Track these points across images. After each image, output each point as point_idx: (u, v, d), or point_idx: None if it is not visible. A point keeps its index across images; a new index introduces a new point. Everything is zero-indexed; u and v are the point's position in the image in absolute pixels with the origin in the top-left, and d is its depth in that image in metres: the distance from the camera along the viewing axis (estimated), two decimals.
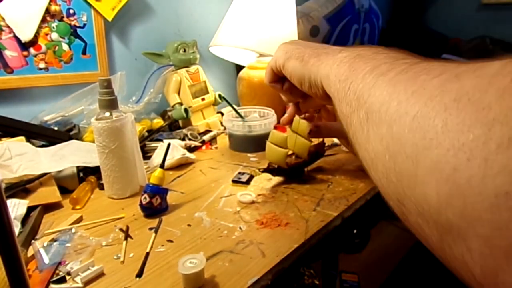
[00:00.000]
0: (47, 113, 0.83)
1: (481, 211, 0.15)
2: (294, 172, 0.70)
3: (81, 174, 0.70)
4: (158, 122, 0.96)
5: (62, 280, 0.44)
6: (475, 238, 0.16)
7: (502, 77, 0.16)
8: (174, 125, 0.99)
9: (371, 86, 0.25)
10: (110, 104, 0.63)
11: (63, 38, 0.86)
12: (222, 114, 1.06)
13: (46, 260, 0.46)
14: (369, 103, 0.24)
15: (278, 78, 0.50)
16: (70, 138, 0.78)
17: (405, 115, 0.20)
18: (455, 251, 0.17)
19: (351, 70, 0.29)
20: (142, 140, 0.84)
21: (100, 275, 0.45)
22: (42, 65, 0.84)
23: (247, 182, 0.70)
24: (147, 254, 0.49)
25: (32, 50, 0.82)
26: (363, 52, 0.30)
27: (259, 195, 0.65)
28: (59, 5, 0.84)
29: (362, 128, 0.25)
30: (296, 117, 0.63)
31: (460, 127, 0.17)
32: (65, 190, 0.66)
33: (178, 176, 0.75)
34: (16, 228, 0.52)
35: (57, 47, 0.86)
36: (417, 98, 0.20)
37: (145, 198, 0.58)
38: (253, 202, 0.62)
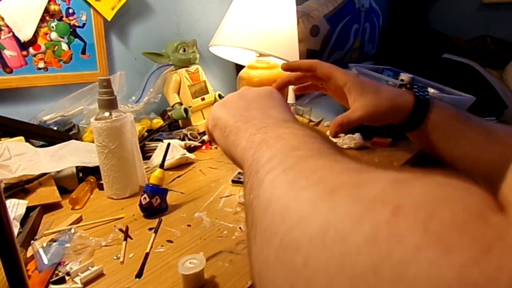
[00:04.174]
0: (47, 113, 0.83)
1: None
2: None
3: (81, 174, 0.69)
4: (158, 122, 0.96)
5: (61, 280, 0.44)
6: None
7: (381, 205, 0.13)
8: (174, 125, 0.99)
9: (258, 185, 0.22)
10: (110, 104, 0.63)
11: (63, 37, 0.86)
12: None
13: (46, 260, 0.46)
14: (255, 203, 0.22)
15: None
16: (69, 138, 0.78)
17: (274, 236, 0.17)
18: None
19: (253, 159, 0.27)
20: (142, 140, 0.84)
21: (99, 275, 0.45)
22: (41, 64, 0.84)
23: None
24: (147, 254, 0.48)
25: (31, 50, 0.82)
26: (268, 136, 0.28)
27: None
28: (59, 5, 0.84)
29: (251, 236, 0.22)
30: None
31: (320, 284, 0.13)
32: (64, 190, 0.65)
33: (178, 176, 0.75)
34: (15, 228, 0.52)
35: (56, 47, 0.85)
36: (287, 216, 0.17)
37: (144, 198, 0.58)
38: None
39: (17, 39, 0.79)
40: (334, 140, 0.89)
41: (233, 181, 0.70)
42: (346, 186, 0.16)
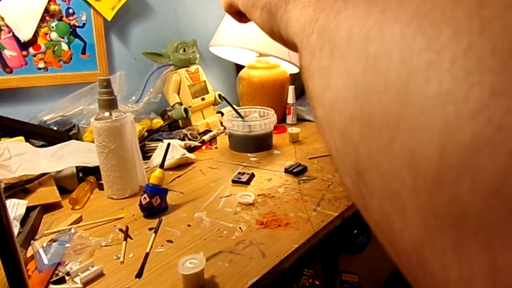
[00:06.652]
0: (47, 113, 0.83)
1: None
2: None
3: (81, 174, 0.69)
4: (158, 122, 0.96)
5: (61, 280, 0.44)
6: None
7: None
8: (174, 125, 0.99)
9: (338, 13, 0.18)
10: (110, 104, 0.63)
11: (63, 37, 0.86)
12: (222, 114, 1.06)
13: (46, 260, 0.46)
14: (335, 32, 0.17)
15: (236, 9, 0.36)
16: (69, 138, 0.78)
17: (389, 31, 0.13)
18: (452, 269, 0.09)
19: (317, 9, 0.21)
20: (142, 140, 0.84)
21: (99, 275, 0.45)
22: (41, 64, 0.84)
23: (247, 182, 0.70)
24: (147, 254, 0.48)
25: (31, 50, 0.82)
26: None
27: (259, 195, 0.65)
28: (59, 5, 0.84)
29: (321, 72, 0.18)
30: None
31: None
32: (64, 190, 0.65)
33: (178, 176, 0.75)
34: (15, 228, 0.52)
35: (56, 47, 0.85)
36: (379, 35, 0.13)
37: (144, 198, 0.58)
38: (252, 204, 0.62)
39: (17, 39, 0.79)
40: None
41: (233, 181, 0.70)
42: None
